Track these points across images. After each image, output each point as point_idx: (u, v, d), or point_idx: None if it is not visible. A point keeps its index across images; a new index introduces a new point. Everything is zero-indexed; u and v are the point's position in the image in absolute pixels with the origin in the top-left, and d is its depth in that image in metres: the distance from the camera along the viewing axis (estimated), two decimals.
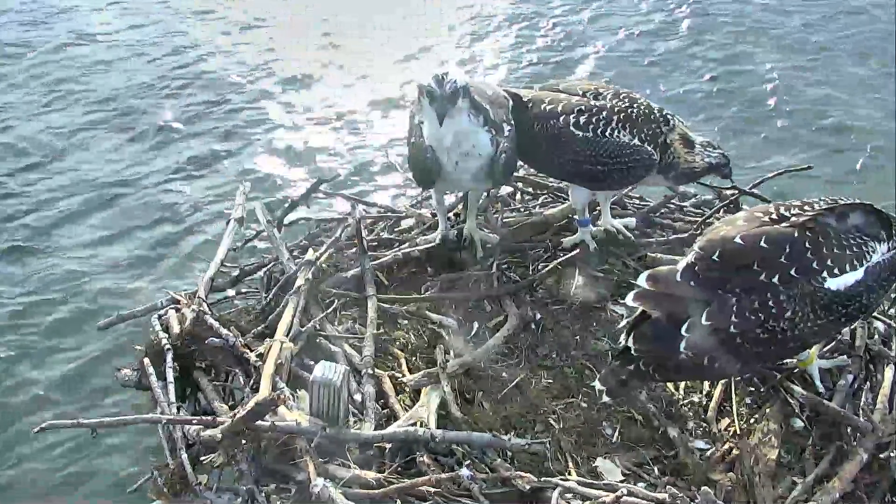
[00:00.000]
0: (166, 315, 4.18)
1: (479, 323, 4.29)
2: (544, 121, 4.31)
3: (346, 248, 4.68)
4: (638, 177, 4.38)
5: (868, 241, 3.34)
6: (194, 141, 9.04)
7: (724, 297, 3.28)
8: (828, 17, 11.12)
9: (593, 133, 4.22)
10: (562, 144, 4.26)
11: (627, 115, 4.24)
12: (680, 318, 3.32)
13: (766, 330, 3.26)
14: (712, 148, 4.35)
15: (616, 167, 4.24)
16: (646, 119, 4.26)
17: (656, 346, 3.38)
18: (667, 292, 3.37)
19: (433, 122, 4.04)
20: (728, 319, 3.25)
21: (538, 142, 4.34)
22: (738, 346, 3.29)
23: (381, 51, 10.60)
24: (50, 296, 6.97)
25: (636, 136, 4.22)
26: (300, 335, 3.86)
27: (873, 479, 3.47)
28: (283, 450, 3.40)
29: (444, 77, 3.94)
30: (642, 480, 3.53)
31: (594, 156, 4.23)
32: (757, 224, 3.41)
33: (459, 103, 3.99)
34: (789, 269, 3.25)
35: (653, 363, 3.40)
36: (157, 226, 7.78)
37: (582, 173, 4.32)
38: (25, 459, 5.63)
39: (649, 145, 4.23)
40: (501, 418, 3.76)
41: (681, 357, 3.31)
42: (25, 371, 6.31)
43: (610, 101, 4.29)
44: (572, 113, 4.26)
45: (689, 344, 3.29)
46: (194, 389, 3.92)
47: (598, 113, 4.24)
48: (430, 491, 3.19)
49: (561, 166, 4.40)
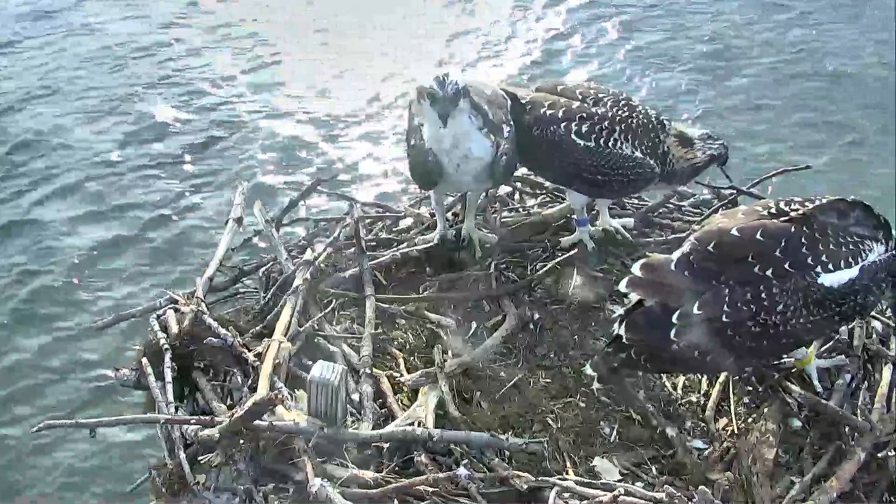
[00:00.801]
0: (164, 315, 4.17)
1: (478, 323, 4.28)
2: (544, 126, 4.28)
3: (344, 247, 4.67)
4: (638, 188, 4.38)
5: (865, 241, 3.34)
6: (194, 140, 9.05)
7: (717, 287, 3.29)
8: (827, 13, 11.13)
9: (595, 143, 4.20)
10: (562, 151, 4.24)
11: (628, 125, 4.22)
12: (672, 307, 3.32)
13: (758, 323, 3.26)
14: (712, 140, 4.32)
15: (616, 178, 4.23)
16: (645, 129, 4.24)
17: (648, 335, 3.39)
18: (660, 281, 3.38)
19: (434, 124, 4.03)
20: (720, 310, 3.26)
21: (537, 145, 4.32)
22: (731, 339, 3.29)
23: (381, 51, 10.61)
24: (49, 295, 6.99)
25: (638, 148, 4.20)
26: (298, 335, 3.86)
27: (871, 478, 3.47)
28: (281, 449, 3.39)
29: (445, 78, 3.93)
30: (640, 480, 3.52)
31: (595, 165, 4.21)
32: (755, 217, 3.42)
33: (461, 104, 3.98)
34: (784, 263, 3.26)
35: (645, 352, 3.41)
36: (155, 226, 7.80)
37: (581, 180, 4.32)
38: (25, 459, 5.65)
39: (651, 158, 4.22)
40: (499, 418, 3.76)
41: (673, 347, 3.32)
42: (25, 371, 6.32)
43: (610, 109, 4.26)
44: (574, 120, 4.23)
45: (680, 332, 3.29)
46: (192, 389, 3.91)
47: (601, 122, 4.21)
48: (427, 490, 3.18)
49: (560, 172, 4.40)
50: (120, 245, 7.58)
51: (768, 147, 8.34)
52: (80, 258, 7.42)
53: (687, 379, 4.01)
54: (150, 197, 8.21)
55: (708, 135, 4.35)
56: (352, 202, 4.88)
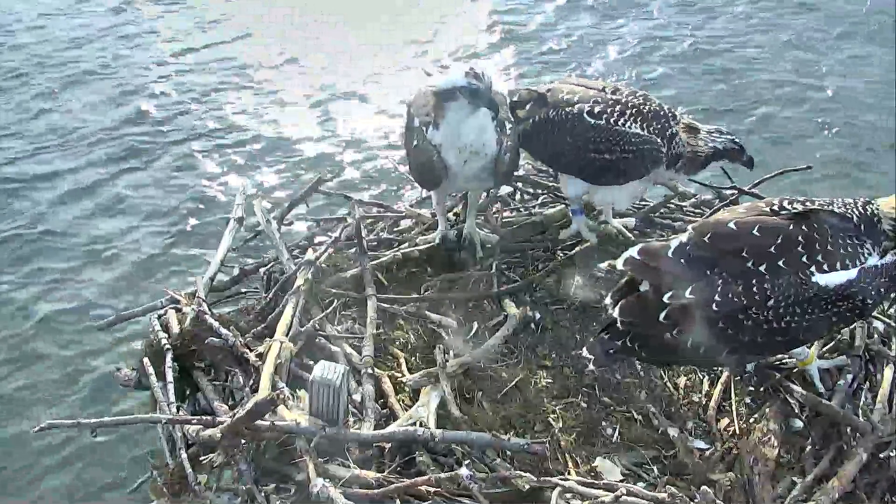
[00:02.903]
0: (166, 315, 4.17)
1: (479, 323, 4.29)
2: (560, 108, 4.37)
3: (345, 247, 4.67)
4: (645, 169, 4.36)
5: (866, 244, 3.33)
6: (193, 141, 9.04)
7: (710, 277, 3.31)
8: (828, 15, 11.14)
9: (605, 122, 4.27)
10: (574, 130, 4.31)
11: (640, 110, 4.30)
12: (665, 292, 3.35)
13: (749, 316, 3.28)
14: (720, 133, 4.36)
15: (624, 156, 4.27)
16: (656, 115, 4.31)
17: (640, 318, 3.41)
18: (656, 266, 3.41)
19: (464, 118, 4.04)
20: (711, 299, 3.27)
21: (552, 129, 4.38)
22: (723, 330, 3.31)
23: (381, 51, 10.60)
24: (49, 295, 6.98)
25: (646, 129, 4.27)
26: (300, 335, 3.86)
27: (873, 478, 3.47)
28: (282, 450, 3.40)
29: (480, 72, 3.96)
30: (642, 480, 3.53)
31: (603, 142, 4.27)
32: (756, 213, 3.44)
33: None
34: (777, 260, 3.26)
35: (639, 339, 3.43)
36: (156, 226, 7.79)
37: (591, 162, 4.34)
38: (25, 459, 5.64)
39: (658, 137, 4.28)
40: (501, 418, 3.76)
41: (665, 335, 3.33)
42: (25, 371, 6.32)
43: (626, 97, 4.36)
44: (588, 102, 4.32)
45: (670, 314, 3.31)
46: (194, 389, 3.92)
47: (614, 105, 4.31)
48: (429, 491, 3.18)
49: (571, 154, 4.40)
50: (119, 245, 7.57)
51: (768, 146, 8.37)
52: (81, 257, 7.42)
53: (688, 379, 4.02)
54: (151, 197, 8.20)
55: (717, 129, 4.38)
56: (353, 202, 4.88)
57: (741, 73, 10.02)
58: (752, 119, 9.07)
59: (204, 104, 9.67)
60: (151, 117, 9.45)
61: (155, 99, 9.80)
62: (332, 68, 10.31)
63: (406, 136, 4.52)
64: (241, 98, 9.81)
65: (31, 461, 5.62)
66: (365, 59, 10.42)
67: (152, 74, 10.31)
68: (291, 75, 10.18)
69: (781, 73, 9.96)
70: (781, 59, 10.26)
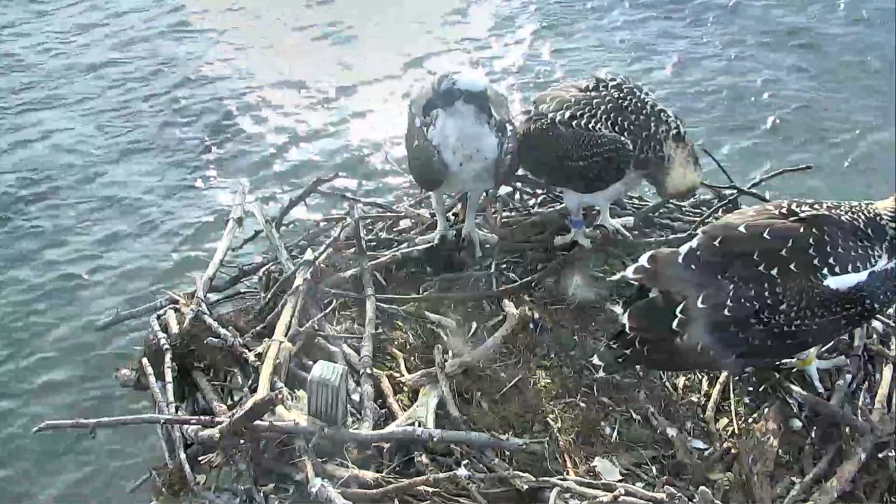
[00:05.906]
0: (165, 315, 4.17)
1: (478, 323, 4.28)
2: (539, 119, 4.32)
3: (344, 247, 4.67)
4: (618, 172, 4.18)
5: (875, 247, 3.32)
6: (193, 141, 9.04)
7: (721, 282, 3.30)
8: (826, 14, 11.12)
9: (575, 127, 4.18)
10: (549, 141, 4.25)
11: (616, 106, 4.17)
12: (676, 299, 3.34)
13: (761, 321, 3.27)
14: None
15: (594, 160, 4.14)
16: (636, 111, 4.16)
17: (651, 326, 3.40)
18: (666, 273, 3.40)
19: (460, 122, 4.05)
20: (724, 304, 3.27)
21: (532, 142, 4.34)
22: (734, 336, 3.30)
23: (381, 51, 10.59)
24: (48, 295, 6.98)
25: (614, 128, 4.12)
26: (298, 335, 3.86)
27: (872, 478, 3.46)
28: (281, 450, 3.40)
29: (478, 74, 3.97)
30: (641, 480, 3.52)
31: (573, 149, 4.17)
32: (766, 217, 3.43)
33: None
34: (789, 263, 3.26)
35: (648, 345, 3.42)
36: (155, 226, 7.80)
37: (568, 172, 4.28)
38: (24, 460, 5.64)
39: (627, 136, 4.11)
40: (500, 418, 3.75)
41: (676, 341, 3.33)
42: (24, 371, 6.32)
43: (610, 92, 4.22)
44: (560, 110, 4.25)
45: (682, 323, 3.30)
46: (193, 389, 3.91)
47: (585, 107, 4.20)
48: (428, 491, 3.18)
49: (550, 167, 4.38)
50: (118, 244, 7.58)
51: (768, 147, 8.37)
52: (80, 257, 7.42)
53: (687, 379, 4.01)
54: (150, 197, 8.20)
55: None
56: (352, 202, 4.88)
57: (739, 72, 10.00)
58: (752, 119, 9.06)
59: (203, 104, 9.67)
60: (151, 117, 9.45)
61: (154, 99, 9.80)
62: (331, 68, 10.30)
63: (407, 135, 4.53)
64: (241, 98, 9.81)
65: (30, 461, 5.63)
66: (365, 59, 10.41)
67: (150, 74, 10.30)
68: (291, 75, 10.17)
69: (781, 72, 9.95)
70: (782, 59, 10.25)
